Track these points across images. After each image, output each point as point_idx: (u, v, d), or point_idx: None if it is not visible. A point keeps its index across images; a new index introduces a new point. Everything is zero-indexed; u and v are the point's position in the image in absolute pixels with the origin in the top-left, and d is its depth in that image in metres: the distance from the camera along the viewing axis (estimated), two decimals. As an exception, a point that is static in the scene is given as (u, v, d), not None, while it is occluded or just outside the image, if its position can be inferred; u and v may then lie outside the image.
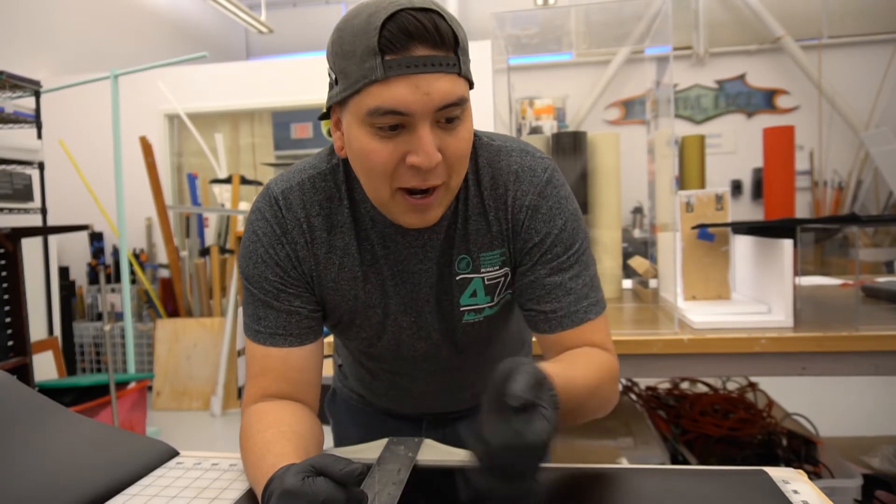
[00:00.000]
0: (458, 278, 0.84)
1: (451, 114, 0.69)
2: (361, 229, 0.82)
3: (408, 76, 0.65)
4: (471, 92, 0.73)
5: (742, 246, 1.74)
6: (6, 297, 2.59)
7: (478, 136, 0.83)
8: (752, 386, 2.06)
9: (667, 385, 2.18)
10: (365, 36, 0.65)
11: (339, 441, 1.15)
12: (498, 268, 0.84)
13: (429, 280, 0.84)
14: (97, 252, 4.91)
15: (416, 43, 0.65)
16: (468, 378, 0.99)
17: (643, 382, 2.20)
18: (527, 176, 0.81)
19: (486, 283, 0.84)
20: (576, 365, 0.76)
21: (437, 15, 0.66)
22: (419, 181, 0.70)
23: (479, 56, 2.00)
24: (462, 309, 0.85)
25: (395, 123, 0.67)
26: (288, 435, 0.72)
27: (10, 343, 2.61)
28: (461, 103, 0.69)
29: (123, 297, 3.63)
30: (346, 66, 0.67)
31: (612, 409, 0.83)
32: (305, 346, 0.82)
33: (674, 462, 1.75)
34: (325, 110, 0.77)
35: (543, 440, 0.54)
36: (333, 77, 0.71)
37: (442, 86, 0.66)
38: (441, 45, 0.66)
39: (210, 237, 4.68)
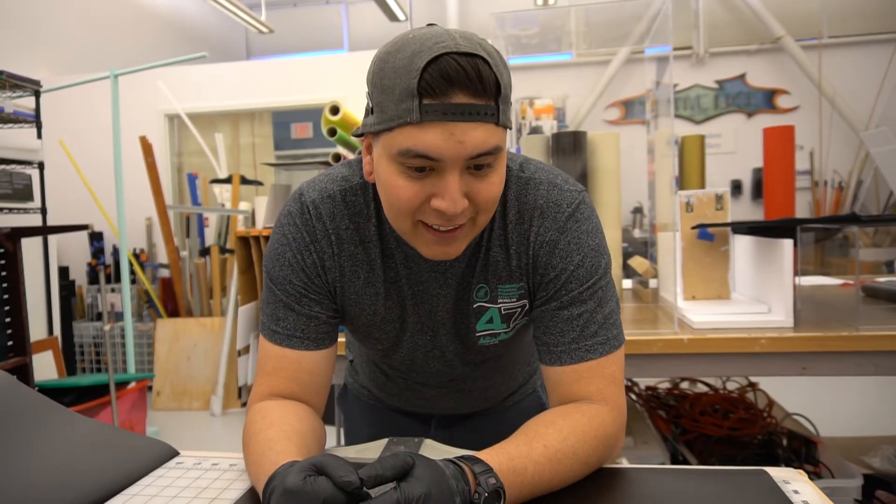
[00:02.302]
0: (475, 306, 0.84)
1: (482, 162, 0.67)
2: (386, 247, 0.83)
3: (443, 123, 0.64)
4: None
5: (742, 246, 1.73)
6: (6, 297, 2.59)
7: (509, 167, 0.81)
8: (752, 386, 2.06)
9: (667, 385, 2.18)
10: (406, 75, 0.64)
11: (350, 435, 1.16)
12: (515, 300, 0.84)
13: (446, 304, 0.84)
14: (97, 252, 4.91)
15: (456, 89, 0.63)
16: (481, 386, 1.00)
17: (643, 382, 2.20)
18: (551, 212, 0.79)
19: (503, 312, 0.85)
20: (539, 435, 0.71)
21: (482, 61, 0.64)
22: (442, 222, 0.70)
23: (479, 56, 2.00)
24: (478, 334, 0.86)
25: (423, 166, 0.67)
26: (289, 433, 0.72)
27: (10, 343, 2.60)
28: (495, 152, 0.67)
29: (123, 297, 3.62)
30: (383, 100, 0.67)
31: (606, 462, 0.77)
32: (320, 351, 0.82)
33: (674, 462, 1.75)
34: (360, 133, 0.76)
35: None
36: (370, 105, 0.70)
37: (477, 135, 0.65)
38: (482, 93, 0.64)
39: (210, 237, 4.68)
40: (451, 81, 0.63)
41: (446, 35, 0.65)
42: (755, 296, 1.63)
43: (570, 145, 1.88)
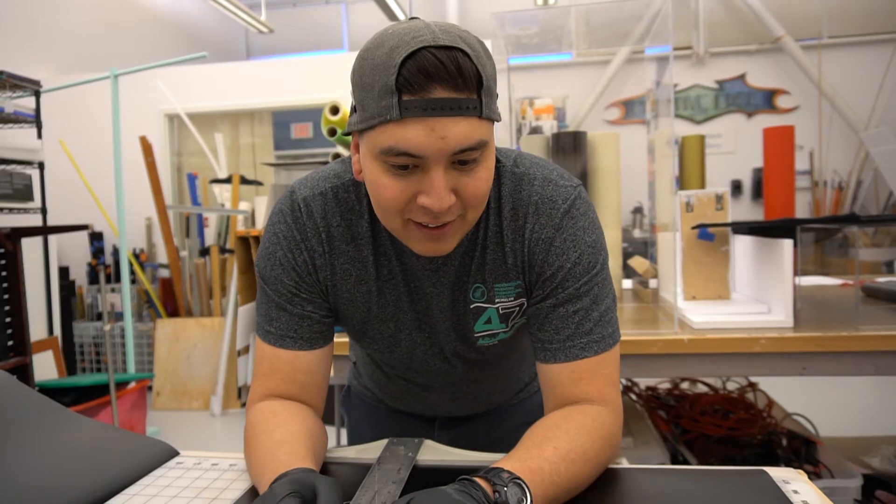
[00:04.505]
0: (472, 307, 0.83)
1: (467, 157, 0.66)
2: (380, 244, 0.81)
3: (424, 119, 0.62)
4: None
5: (742, 246, 1.74)
6: (6, 297, 2.59)
7: (502, 163, 0.80)
8: (752, 386, 2.06)
9: (667, 385, 2.18)
10: (384, 72, 0.62)
11: (353, 437, 1.16)
12: (513, 299, 0.82)
13: (440, 303, 0.83)
14: (97, 252, 4.91)
15: (435, 84, 0.61)
16: (483, 387, 1.00)
17: (643, 382, 2.20)
18: (546, 208, 0.78)
19: (501, 312, 0.83)
20: (546, 439, 0.70)
21: (462, 53, 0.62)
22: (430, 219, 0.68)
23: (479, 56, 1.99)
24: (476, 335, 0.85)
25: (407, 164, 0.65)
26: (297, 435, 0.72)
27: (10, 343, 2.61)
28: (479, 147, 0.66)
29: (123, 297, 3.63)
30: (364, 98, 0.65)
31: (611, 463, 0.77)
32: (314, 351, 0.82)
33: (674, 462, 1.75)
34: (346, 133, 0.76)
35: None
36: (354, 103, 0.69)
37: (460, 130, 0.63)
38: (462, 86, 0.62)
39: (210, 237, 4.68)
40: (429, 76, 0.61)
41: (425, 28, 0.63)
42: (755, 296, 1.63)
43: (570, 145, 1.88)
